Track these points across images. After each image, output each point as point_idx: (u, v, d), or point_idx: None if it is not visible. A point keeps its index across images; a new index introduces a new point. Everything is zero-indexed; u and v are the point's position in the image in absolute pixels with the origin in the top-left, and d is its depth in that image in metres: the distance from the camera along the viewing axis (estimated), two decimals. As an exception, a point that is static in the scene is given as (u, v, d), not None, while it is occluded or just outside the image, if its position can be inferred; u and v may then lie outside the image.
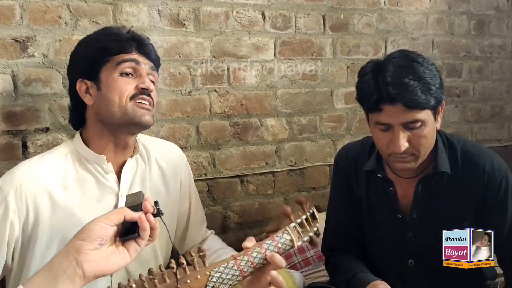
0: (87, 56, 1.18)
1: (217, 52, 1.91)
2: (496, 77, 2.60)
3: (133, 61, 1.16)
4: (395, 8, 2.28)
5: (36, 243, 1.09)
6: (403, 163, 1.23)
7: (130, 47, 1.17)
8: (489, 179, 1.27)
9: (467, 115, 2.54)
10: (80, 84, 1.18)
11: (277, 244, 0.91)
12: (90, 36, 1.25)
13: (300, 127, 2.12)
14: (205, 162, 1.93)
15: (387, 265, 1.37)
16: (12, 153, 1.59)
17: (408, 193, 1.33)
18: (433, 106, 1.19)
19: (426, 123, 1.19)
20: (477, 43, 2.53)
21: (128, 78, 1.15)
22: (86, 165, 1.16)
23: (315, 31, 2.11)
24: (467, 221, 1.27)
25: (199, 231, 1.44)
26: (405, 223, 1.33)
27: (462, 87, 2.51)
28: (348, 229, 1.43)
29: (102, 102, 1.15)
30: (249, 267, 0.88)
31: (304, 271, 1.86)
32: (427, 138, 1.21)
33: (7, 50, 1.56)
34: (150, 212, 0.83)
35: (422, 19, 2.36)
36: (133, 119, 1.14)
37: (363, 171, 1.39)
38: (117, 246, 0.81)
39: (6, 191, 1.06)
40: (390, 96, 1.15)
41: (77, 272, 0.74)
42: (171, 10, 1.81)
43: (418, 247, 1.31)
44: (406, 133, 1.18)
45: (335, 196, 1.48)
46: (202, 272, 0.83)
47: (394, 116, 1.17)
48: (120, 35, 1.19)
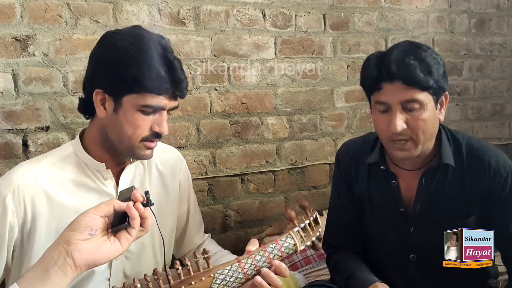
0: (117, 76, 1.06)
1: (218, 50, 1.90)
2: (496, 76, 2.60)
3: (160, 108, 1.09)
4: (395, 6, 2.28)
5: (34, 244, 1.08)
6: (402, 150, 1.22)
7: (165, 91, 1.07)
8: (495, 174, 1.26)
9: (467, 114, 2.54)
10: (98, 95, 1.09)
11: (280, 248, 0.91)
12: (128, 47, 1.06)
13: (300, 125, 2.12)
14: (206, 160, 1.93)
15: (389, 260, 1.37)
16: (13, 152, 1.59)
17: (411, 187, 1.31)
18: (433, 90, 1.19)
19: (425, 107, 1.18)
20: (477, 41, 2.53)
21: (147, 116, 1.09)
22: (84, 169, 1.15)
23: (315, 29, 2.11)
24: (473, 216, 1.27)
25: (197, 235, 1.44)
26: (408, 217, 1.32)
27: (462, 86, 2.51)
28: (348, 226, 1.43)
29: (114, 126, 1.10)
30: (252, 270, 0.88)
31: (304, 270, 1.86)
32: (426, 123, 1.20)
33: (8, 49, 1.55)
34: (140, 201, 0.86)
35: (423, 18, 2.36)
36: (136, 155, 1.13)
37: (364, 166, 1.38)
38: (108, 237, 0.82)
39: (4, 193, 1.06)
40: (390, 73, 1.17)
41: (67, 262, 0.76)
42: (171, 9, 1.80)
43: (420, 241, 1.30)
44: (404, 115, 1.18)
45: (335, 193, 1.48)
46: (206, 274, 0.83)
47: (393, 94, 1.18)
48: (160, 74, 1.06)
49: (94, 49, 1.14)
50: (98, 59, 1.12)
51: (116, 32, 1.13)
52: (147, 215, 0.86)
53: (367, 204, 1.39)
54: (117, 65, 1.06)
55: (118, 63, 1.06)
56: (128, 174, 1.21)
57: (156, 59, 1.06)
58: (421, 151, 1.24)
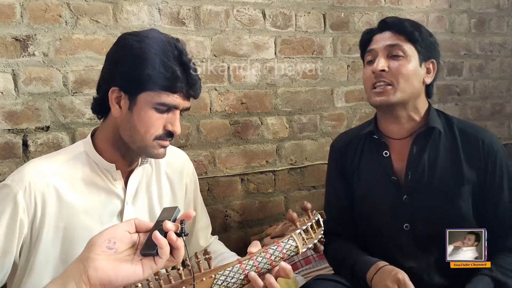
0: (134, 74, 1.08)
1: (218, 50, 1.90)
2: (496, 76, 2.60)
3: (174, 106, 1.11)
4: (395, 6, 2.28)
5: (41, 241, 1.09)
6: (381, 95, 1.30)
7: (179, 90, 1.10)
8: (489, 150, 1.30)
9: (467, 113, 2.54)
10: (114, 93, 1.10)
11: (282, 250, 0.91)
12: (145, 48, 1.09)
13: (300, 125, 2.12)
14: (206, 160, 1.93)
15: (383, 231, 1.38)
16: (13, 152, 1.59)
17: (403, 157, 1.35)
18: (419, 46, 1.30)
19: (409, 58, 1.30)
20: (477, 41, 2.53)
21: (161, 114, 1.10)
22: (94, 169, 1.16)
23: (315, 29, 2.11)
24: (466, 186, 1.29)
25: (203, 237, 1.43)
26: (399, 186, 1.34)
27: (462, 86, 2.51)
28: (342, 211, 1.45)
29: (127, 124, 1.11)
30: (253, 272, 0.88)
31: (304, 270, 1.86)
32: (408, 73, 1.29)
33: (8, 49, 1.55)
34: (172, 230, 0.77)
35: (423, 18, 2.36)
36: (149, 154, 1.14)
37: (357, 144, 1.45)
38: (133, 259, 0.76)
39: (16, 190, 1.06)
40: (381, 24, 1.36)
41: (83, 279, 0.73)
42: (171, 9, 1.80)
43: (413, 210, 1.32)
44: (387, 60, 1.30)
45: (329, 177, 1.54)
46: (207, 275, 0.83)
47: (380, 41, 1.33)
48: (175, 73, 1.08)
49: (110, 49, 1.15)
50: (115, 59, 1.13)
51: (133, 34, 1.14)
52: (179, 246, 0.77)
53: (361, 177, 1.43)
54: (134, 64, 1.08)
55: (135, 63, 1.08)
56: (137, 177, 1.21)
57: (172, 60, 1.08)
58: (404, 109, 1.33)
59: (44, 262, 1.08)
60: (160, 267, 0.77)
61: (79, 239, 1.08)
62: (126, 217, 1.16)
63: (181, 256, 0.79)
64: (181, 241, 0.78)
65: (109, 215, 1.15)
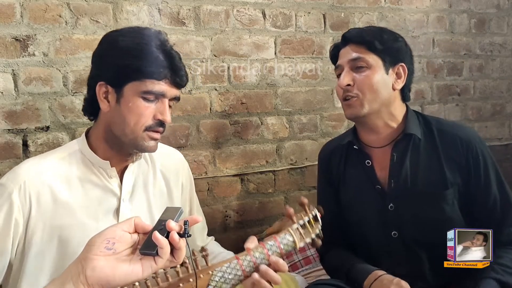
0: (118, 66, 1.10)
1: (218, 50, 1.91)
2: (496, 76, 2.60)
3: (161, 94, 1.12)
4: (395, 6, 2.28)
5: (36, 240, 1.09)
6: (349, 107, 1.33)
7: (164, 76, 1.11)
8: (468, 147, 1.30)
9: (467, 114, 2.54)
10: (101, 88, 1.12)
11: (279, 245, 0.91)
12: (128, 41, 1.12)
13: (300, 125, 2.12)
14: (206, 160, 1.93)
15: (372, 240, 1.38)
16: (13, 152, 1.59)
17: (385, 165, 1.36)
18: (382, 54, 1.30)
19: (373, 69, 1.30)
20: (477, 41, 2.53)
21: (149, 103, 1.11)
22: (90, 167, 1.16)
23: (315, 29, 2.11)
24: (450, 188, 1.29)
25: (200, 237, 1.44)
26: (384, 194, 1.35)
27: (462, 86, 2.51)
28: (333, 221, 1.43)
29: (117, 118, 1.12)
30: (251, 267, 0.88)
31: (304, 270, 1.86)
32: (373, 84, 1.29)
33: (8, 49, 1.55)
34: (175, 230, 0.76)
35: (423, 18, 2.36)
36: (140, 146, 1.14)
37: (341, 153, 1.45)
38: (132, 259, 0.75)
39: (11, 189, 1.06)
40: (342, 39, 1.37)
41: (80, 279, 0.72)
42: (171, 9, 1.81)
43: (399, 217, 1.32)
44: (351, 73, 1.31)
45: (319, 185, 1.56)
46: (205, 271, 0.83)
47: (344, 55, 1.35)
48: (158, 60, 1.10)
49: (96, 49, 1.18)
50: (100, 55, 1.16)
51: (116, 31, 1.18)
52: (181, 246, 0.77)
53: (345, 187, 1.43)
54: (118, 58, 1.11)
55: (119, 56, 1.11)
56: (132, 173, 1.22)
57: (154, 48, 1.11)
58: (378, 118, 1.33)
59: (40, 261, 1.08)
60: (160, 267, 0.77)
61: (75, 237, 1.09)
62: (123, 214, 1.16)
63: (182, 257, 0.78)
64: (183, 242, 0.77)
65: (105, 212, 1.15)
